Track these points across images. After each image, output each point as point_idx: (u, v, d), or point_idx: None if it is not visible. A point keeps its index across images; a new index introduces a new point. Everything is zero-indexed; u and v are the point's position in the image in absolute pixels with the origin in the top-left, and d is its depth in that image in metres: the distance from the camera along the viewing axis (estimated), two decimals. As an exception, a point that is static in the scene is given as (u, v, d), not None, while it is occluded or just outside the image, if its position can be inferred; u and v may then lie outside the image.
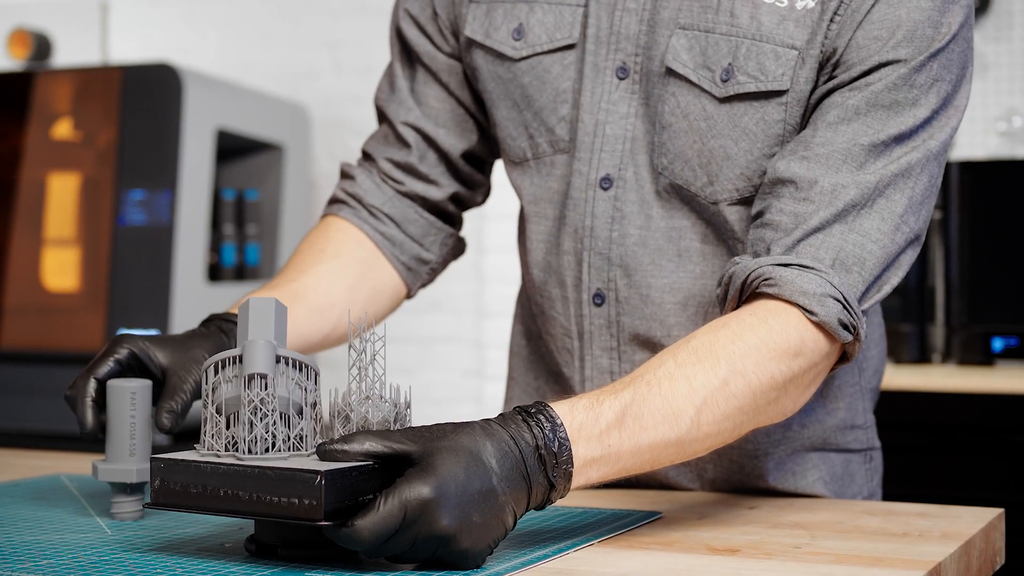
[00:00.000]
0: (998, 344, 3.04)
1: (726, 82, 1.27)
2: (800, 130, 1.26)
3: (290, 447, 0.99)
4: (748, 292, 1.19)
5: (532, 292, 1.43)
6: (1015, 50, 3.33)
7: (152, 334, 1.27)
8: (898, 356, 3.12)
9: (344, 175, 1.49)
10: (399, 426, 1.03)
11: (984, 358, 3.04)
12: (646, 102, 1.32)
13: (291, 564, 0.98)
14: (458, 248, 1.52)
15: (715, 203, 1.29)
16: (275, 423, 0.99)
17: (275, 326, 1.05)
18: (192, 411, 1.20)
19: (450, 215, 1.51)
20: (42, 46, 3.34)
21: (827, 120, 1.22)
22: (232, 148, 3.31)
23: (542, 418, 1.02)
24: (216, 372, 1.02)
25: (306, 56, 3.89)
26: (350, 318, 1.16)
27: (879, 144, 1.21)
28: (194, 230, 2.90)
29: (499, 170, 1.52)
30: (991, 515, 1.24)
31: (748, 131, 1.27)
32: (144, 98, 2.93)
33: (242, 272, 3.27)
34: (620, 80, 1.33)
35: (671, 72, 1.29)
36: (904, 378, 2.89)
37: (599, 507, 1.23)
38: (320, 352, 1.42)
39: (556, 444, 1.02)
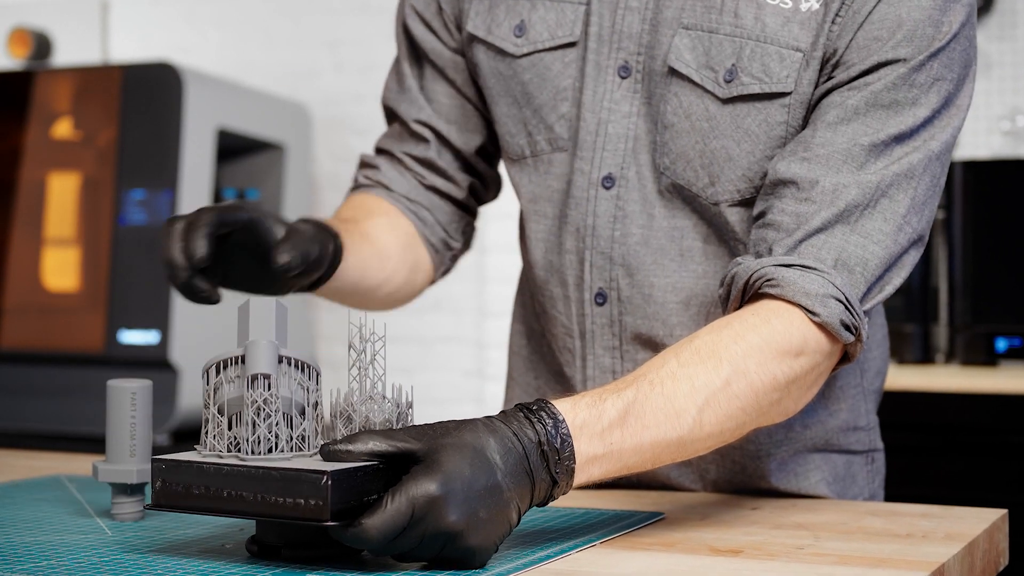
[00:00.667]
0: (1002, 344, 3.03)
1: (730, 83, 1.26)
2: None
3: (292, 447, 0.99)
4: (750, 292, 1.19)
5: (534, 291, 1.43)
6: (1019, 49, 3.33)
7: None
8: (901, 356, 3.12)
9: (365, 164, 1.49)
10: (401, 426, 1.03)
11: (988, 358, 3.04)
12: (648, 101, 1.32)
13: (292, 565, 0.98)
14: (471, 241, 1.54)
15: (716, 204, 1.29)
16: (278, 424, 0.98)
17: (276, 326, 1.04)
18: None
19: (469, 208, 1.52)
20: (42, 45, 3.34)
21: (826, 120, 1.22)
22: (233, 147, 3.30)
23: (544, 415, 1.02)
24: (217, 373, 1.01)
25: (307, 55, 3.89)
26: (349, 318, 1.15)
27: (879, 144, 1.21)
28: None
29: (502, 168, 1.52)
30: (995, 516, 1.24)
31: (750, 132, 1.27)
32: (144, 97, 2.92)
33: (243, 272, 3.26)
34: (622, 79, 1.33)
35: (674, 72, 1.29)
36: (907, 378, 2.88)
37: (601, 508, 1.23)
38: (319, 352, 1.41)
39: (559, 440, 1.02)
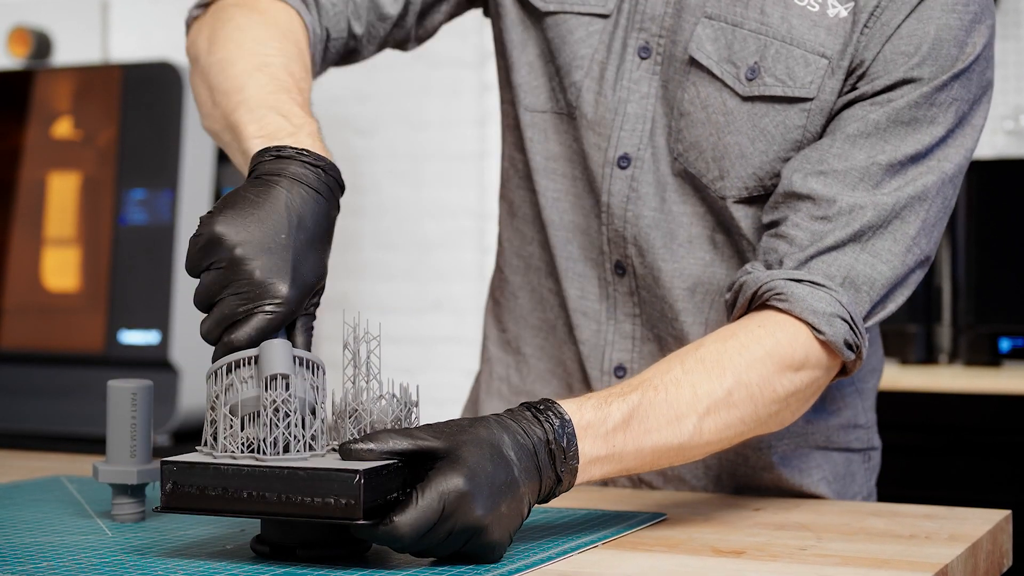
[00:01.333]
0: (1005, 344, 3.03)
1: (751, 81, 1.26)
2: (819, 138, 1.26)
3: (305, 447, 0.99)
4: (758, 302, 1.21)
5: (550, 254, 1.40)
6: (1023, 49, 3.32)
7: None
8: (904, 357, 3.11)
9: None
10: (408, 425, 1.03)
11: (991, 359, 3.03)
12: (665, 85, 1.32)
13: (295, 564, 0.98)
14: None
15: (723, 198, 1.30)
16: (296, 424, 0.98)
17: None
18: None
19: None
20: (42, 44, 3.33)
21: (847, 132, 1.23)
22: (234, 147, 3.29)
23: (551, 414, 1.04)
24: (229, 372, 1.01)
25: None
26: (344, 318, 1.14)
27: (895, 164, 1.22)
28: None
29: (495, 169, 1.50)
30: (998, 517, 1.24)
31: (766, 132, 1.27)
32: (145, 97, 2.92)
33: (244, 272, 3.26)
34: (642, 59, 1.32)
35: (694, 62, 1.29)
36: (911, 379, 2.88)
37: (603, 508, 1.23)
38: (320, 352, 1.40)
39: (565, 440, 1.03)
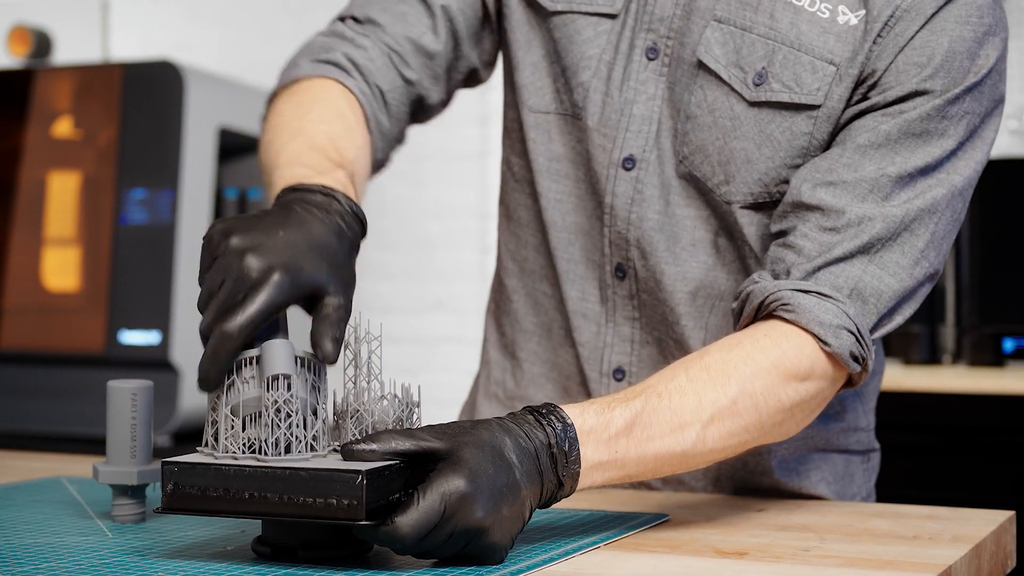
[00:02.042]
0: (1009, 345, 3.03)
1: (758, 86, 1.26)
2: (826, 147, 1.26)
3: (307, 447, 0.98)
4: (764, 312, 1.21)
5: (549, 256, 1.40)
6: None
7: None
8: (908, 357, 3.11)
9: (340, 35, 1.37)
10: (409, 426, 1.03)
11: (995, 359, 3.03)
12: (672, 87, 1.31)
13: (297, 565, 0.97)
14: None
15: (728, 203, 1.29)
16: (297, 425, 0.98)
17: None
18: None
19: (418, 114, 1.43)
20: (42, 43, 3.33)
21: (857, 143, 1.22)
22: (234, 146, 3.29)
23: (554, 418, 1.04)
24: (229, 375, 1.00)
25: (309, 55, 3.88)
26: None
27: (905, 176, 1.21)
28: (196, 230, 2.89)
29: (497, 169, 1.49)
30: (1002, 518, 1.24)
31: (773, 138, 1.26)
32: (145, 96, 2.91)
33: (244, 271, 3.25)
34: (649, 61, 1.32)
35: (702, 65, 1.29)
36: (914, 379, 2.88)
37: (605, 509, 1.23)
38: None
39: (567, 444, 1.03)
